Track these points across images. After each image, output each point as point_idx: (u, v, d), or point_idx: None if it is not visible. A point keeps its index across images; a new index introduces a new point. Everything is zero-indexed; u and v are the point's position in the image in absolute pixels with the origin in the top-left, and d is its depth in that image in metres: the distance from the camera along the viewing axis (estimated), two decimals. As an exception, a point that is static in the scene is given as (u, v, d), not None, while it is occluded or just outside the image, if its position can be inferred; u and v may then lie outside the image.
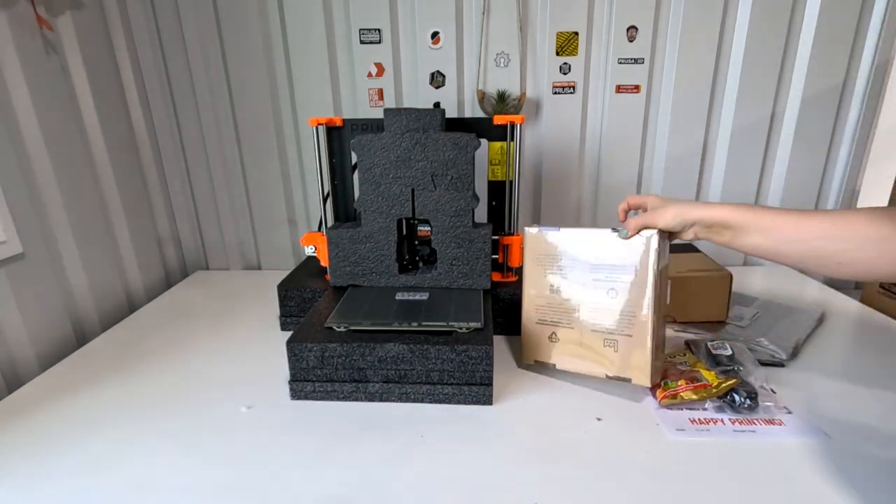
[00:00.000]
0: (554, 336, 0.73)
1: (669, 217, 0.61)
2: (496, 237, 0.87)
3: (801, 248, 0.53)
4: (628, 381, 0.66)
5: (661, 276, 0.65)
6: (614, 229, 0.65)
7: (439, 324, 0.70)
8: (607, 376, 0.68)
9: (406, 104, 1.11)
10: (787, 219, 0.54)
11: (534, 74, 1.08)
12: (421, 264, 0.86)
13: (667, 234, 0.64)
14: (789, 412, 0.64)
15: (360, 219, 0.83)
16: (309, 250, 0.92)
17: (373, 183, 0.79)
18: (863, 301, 1.00)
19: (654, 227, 0.62)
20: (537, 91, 1.09)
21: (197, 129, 1.14)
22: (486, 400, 0.68)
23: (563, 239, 0.70)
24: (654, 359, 0.65)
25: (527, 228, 0.73)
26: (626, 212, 0.71)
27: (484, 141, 0.86)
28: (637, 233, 0.63)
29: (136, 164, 1.09)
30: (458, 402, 0.68)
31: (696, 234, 0.61)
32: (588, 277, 0.68)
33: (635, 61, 1.06)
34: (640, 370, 0.65)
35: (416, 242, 0.86)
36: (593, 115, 1.11)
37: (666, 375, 0.69)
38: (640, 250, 0.64)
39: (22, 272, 0.79)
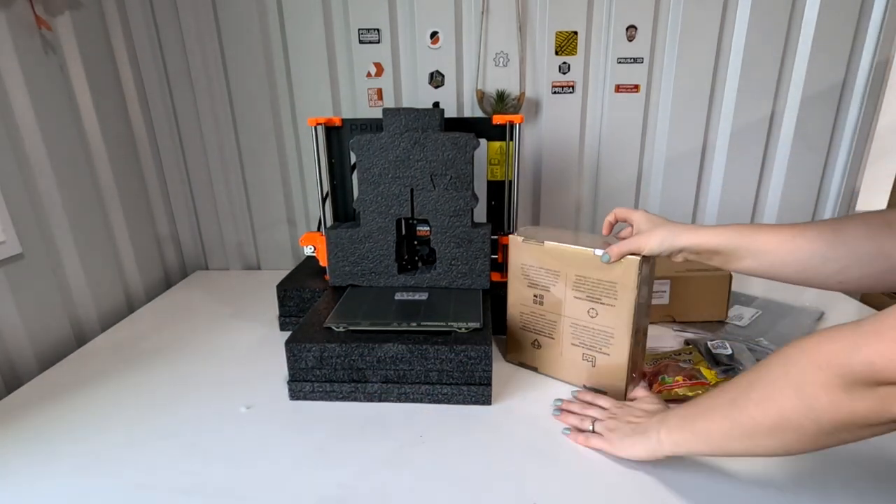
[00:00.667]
0: (537, 343, 0.74)
1: (655, 244, 0.59)
2: (495, 237, 0.87)
3: (797, 269, 0.52)
4: (604, 393, 0.68)
5: (644, 293, 0.64)
6: (597, 251, 0.64)
7: (438, 324, 0.70)
8: (584, 386, 0.70)
9: (405, 104, 1.11)
10: (780, 240, 0.53)
11: (533, 74, 1.08)
12: (420, 264, 0.86)
13: (652, 258, 0.63)
14: (789, 412, 0.64)
15: (359, 219, 0.83)
16: (308, 250, 0.92)
17: (372, 183, 0.79)
18: (863, 301, 1.00)
19: (638, 253, 0.61)
20: (536, 91, 1.09)
21: (196, 129, 1.14)
22: (486, 400, 0.68)
23: (547, 253, 0.69)
24: (630, 377, 0.66)
25: (512, 237, 0.73)
26: (612, 224, 0.70)
27: (483, 141, 0.86)
28: (620, 259, 0.62)
29: (136, 164, 1.09)
30: (458, 402, 0.68)
31: (686, 258, 0.60)
32: (569, 294, 0.68)
33: (634, 61, 1.06)
34: (616, 385, 0.67)
35: (416, 242, 0.86)
36: (593, 114, 1.11)
37: (665, 371, 0.69)
38: (622, 275, 0.62)
39: (21, 272, 0.79)
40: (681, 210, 1.17)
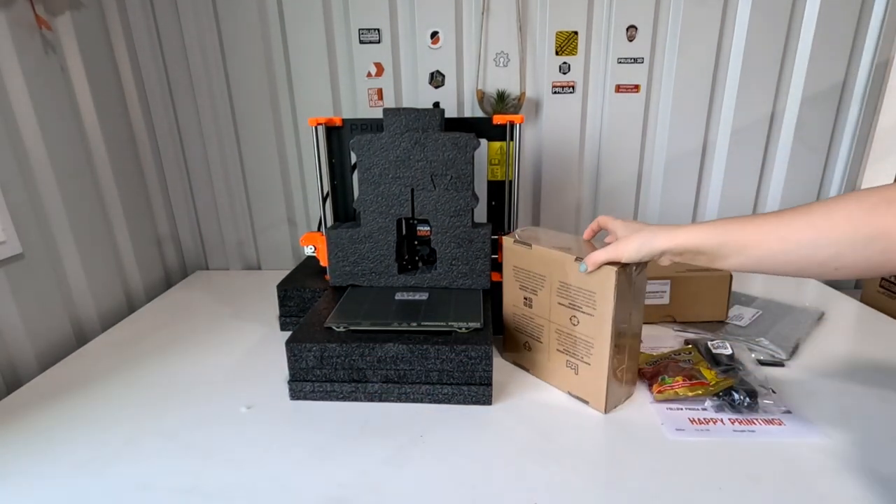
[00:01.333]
0: (528, 345, 0.75)
1: (633, 250, 0.57)
2: (496, 237, 0.87)
3: (788, 260, 0.48)
4: (586, 402, 0.67)
5: (626, 302, 0.62)
6: (578, 258, 0.62)
7: (439, 324, 0.70)
8: (570, 393, 0.70)
9: (405, 104, 1.11)
10: (765, 231, 0.49)
11: (533, 74, 1.08)
12: (420, 264, 0.86)
13: (635, 264, 0.61)
14: (789, 412, 0.64)
15: (359, 219, 0.83)
16: (308, 250, 0.92)
17: (372, 183, 0.79)
18: (863, 300, 1.00)
19: (617, 261, 0.59)
20: (537, 91, 1.09)
21: (196, 129, 1.14)
22: (486, 400, 0.68)
23: (535, 256, 0.69)
24: (613, 386, 0.65)
25: (505, 237, 0.73)
26: (595, 231, 0.69)
27: (483, 141, 0.86)
28: (598, 268, 0.60)
29: (136, 164, 1.09)
30: (458, 402, 0.68)
31: (671, 260, 0.58)
32: (554, 300, 0.68)
33: (635, 61, 1.06)
34: (597, 396, 0.66)
35: (416, 242, 0.86)
36: (593, 114, 1.11)
37: (665, 371, 0.69)
38: (600, 285, 0.61)
39: (21, 272, 0.79)
40: (681, 210, 1.17)
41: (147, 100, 1.10)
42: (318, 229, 0.92)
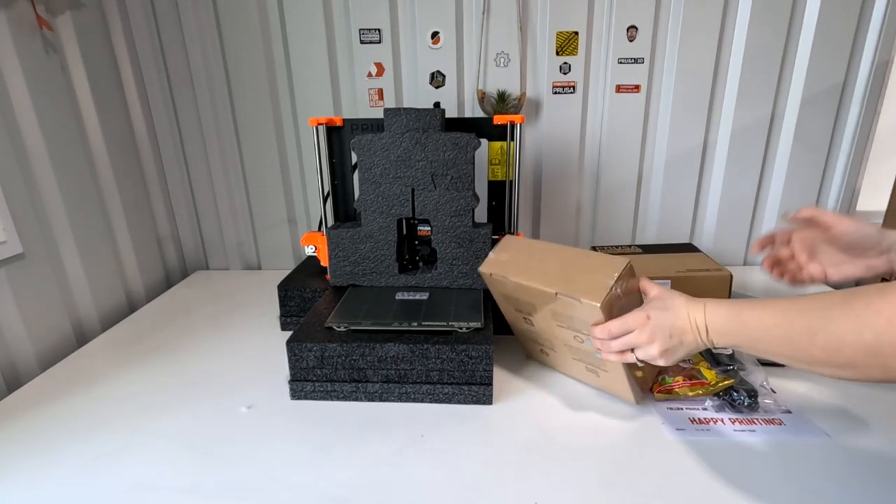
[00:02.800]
0: (543, 351, 0.74)
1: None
2: (496, 237, 0.87)
3: None
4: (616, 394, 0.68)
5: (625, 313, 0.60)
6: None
7: (439, 323, 0.70)
8: (599, 388, 0.70)
9: (406, 104, 1.11)
10: None
11: (534, 74, 1.08)
12: (421, 264, 0.86)
13: (626, 279, 0.59)
14: (789, 412, 0.64)
15: (360, 219, 0.83)
16: (309, 250, 0.92)
17: (373, 183, 0.79)
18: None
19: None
20: (537, 91, 1.09)
21: (197, 129, 1.14)
22: (486, 400, 0.68)
23: (516, 289, 0.67)
24: (636, 382, 0.64)
25: (481, 268, 0.70)
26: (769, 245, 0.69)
27: (484, 141, 0.86)
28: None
29: (136, 164, 1.09)
30: (458, 402, 0.68)
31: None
32: (552, 324, 0.66)
33: (635, 61, 1.06)
34: (623, 393, 0.66)
35: (416, 242, 0.86)
36: (593, 114, 1.11)
37: (665, 371, 0.69)
38: (589, 317, 0.59)
39: (22, 272, 0.79)
40: (681, 210, 1.17)
41: (147, 100, 1.10)
42: (319, 229, 0.92)
